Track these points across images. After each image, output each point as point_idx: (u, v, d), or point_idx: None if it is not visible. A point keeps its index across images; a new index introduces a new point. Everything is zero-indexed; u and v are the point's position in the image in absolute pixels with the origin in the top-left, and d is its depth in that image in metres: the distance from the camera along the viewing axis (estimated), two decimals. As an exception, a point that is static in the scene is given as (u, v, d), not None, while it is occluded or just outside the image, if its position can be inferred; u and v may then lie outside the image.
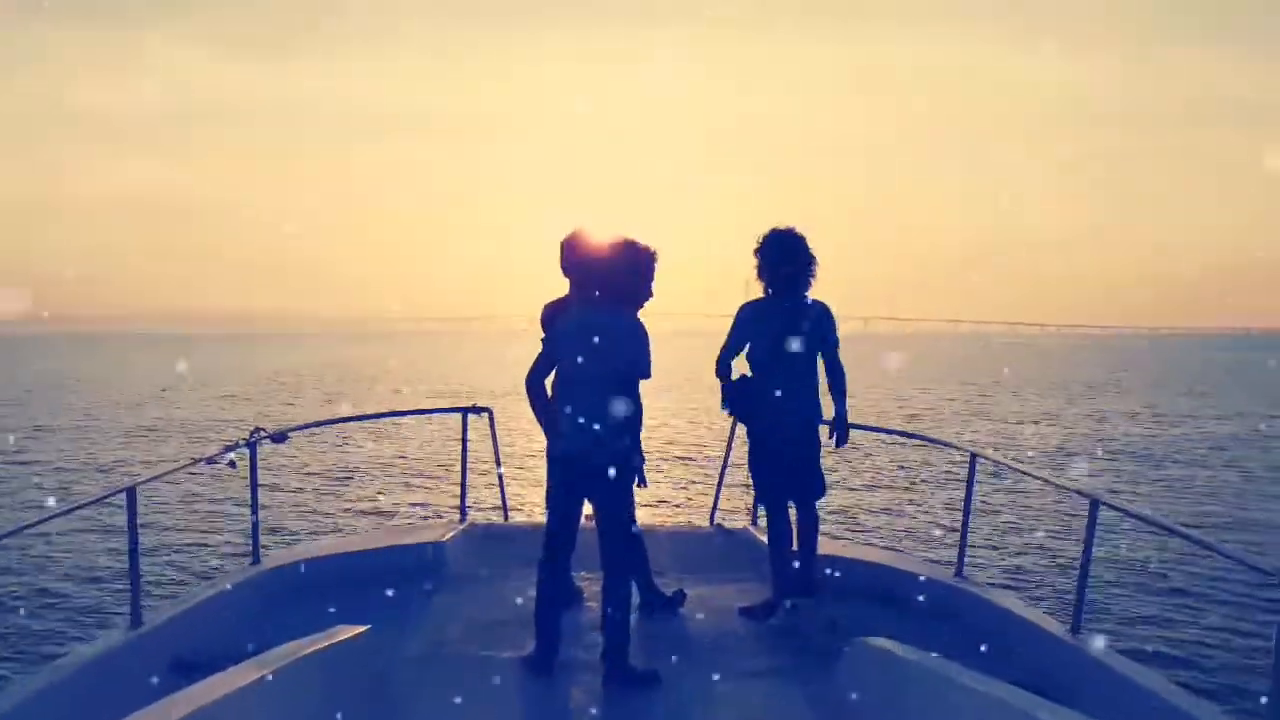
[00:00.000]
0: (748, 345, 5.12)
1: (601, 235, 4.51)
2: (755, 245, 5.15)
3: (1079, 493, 4.77)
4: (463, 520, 6.42)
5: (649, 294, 4.51)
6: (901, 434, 8.21)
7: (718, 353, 5.19)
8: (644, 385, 4.37)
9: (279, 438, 5.65)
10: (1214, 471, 19.51)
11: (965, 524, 5.57)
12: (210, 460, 5.24)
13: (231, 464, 5.14)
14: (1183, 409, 33.53)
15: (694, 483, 17.39)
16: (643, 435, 4.45)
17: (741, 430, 5.48)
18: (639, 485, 4.46)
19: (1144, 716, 3.64)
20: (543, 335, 4.60)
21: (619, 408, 4.26)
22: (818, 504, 5.26)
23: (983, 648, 4.29)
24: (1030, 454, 21.86)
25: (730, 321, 5.22)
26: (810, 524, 5.20)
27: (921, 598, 5.32)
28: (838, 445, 5.21)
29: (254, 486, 5.45)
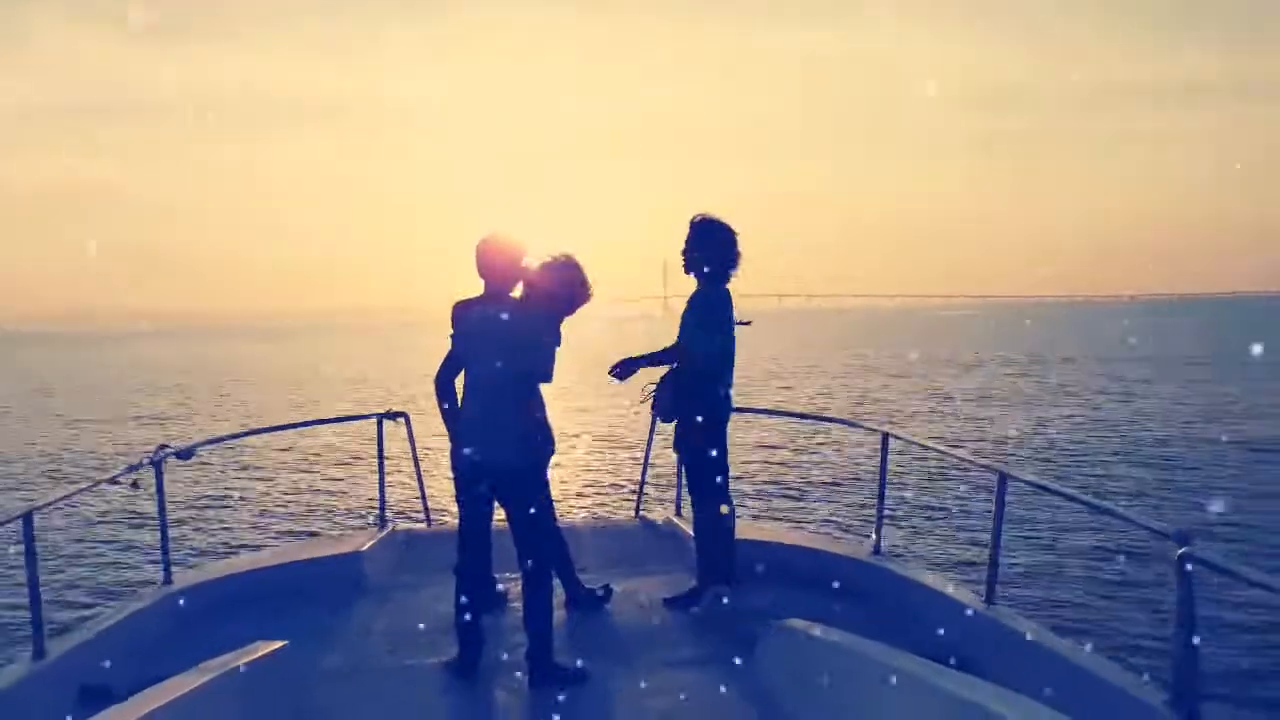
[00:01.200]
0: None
1: (521, 241, 4.48)
2: (689, 232, 5.05)
3: (987, 467, 4.91)
4: (382, 528, 6.31)
5: (569, 313, 4.55)
6: (814, 418, 8.38)
7: (709, 347, 5.01)
8: (569, 379, 4.39)
9: (185, 454, 5.47)
10: (1111, 439, 20.32)
11: (881, 503, 5.69)
12: (113, 481, 5.05)
13: (135, 484, 4.95)
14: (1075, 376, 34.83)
15: (618, 476, 17.42)
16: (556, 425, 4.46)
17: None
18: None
19: (1057, 682, 3.76)
20: (452, 336, 4.56)
21: (524, 408, 4.25)
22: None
23: (901, 623, 4.38)
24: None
25: (669, 307, 5.20)
26: (732, 512, 5.27)
27: (841, 577, 5.42)
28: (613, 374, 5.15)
29: (161, 505, 5.28)
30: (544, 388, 4.40)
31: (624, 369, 5.11)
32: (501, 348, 4.20)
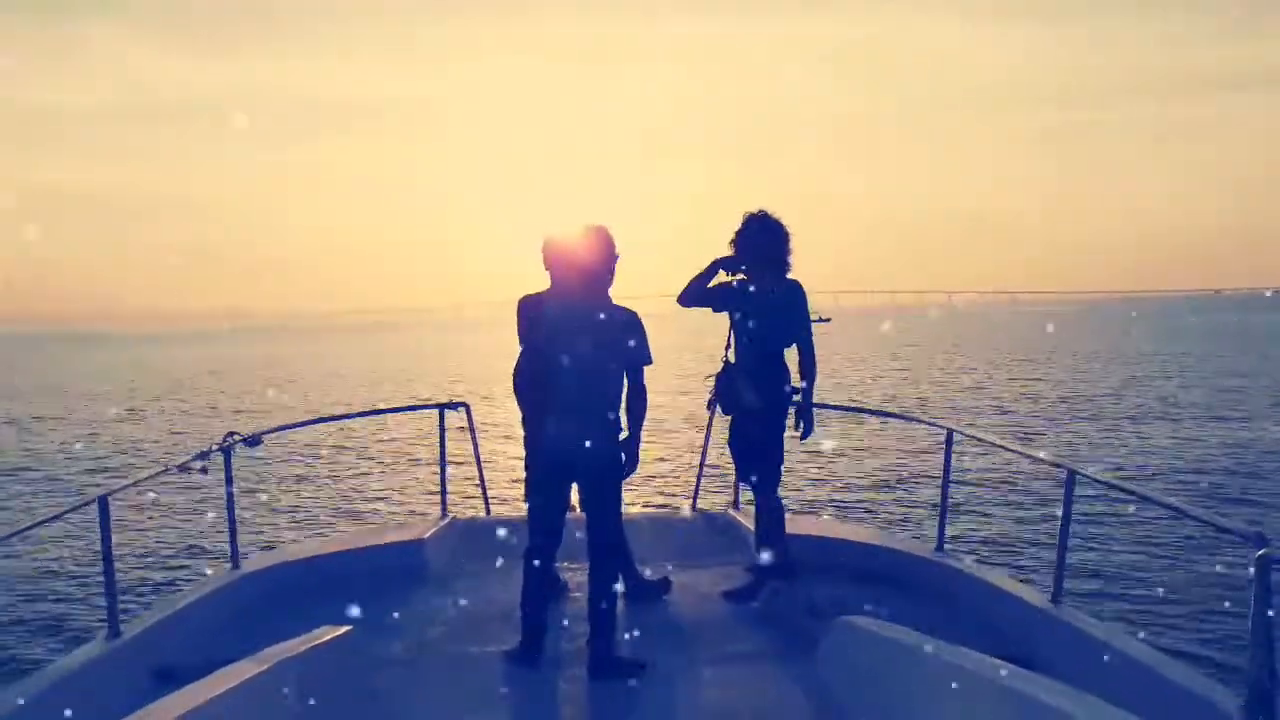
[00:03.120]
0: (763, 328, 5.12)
1: (572, 230, 4.49)
2: (748, 228, 5.13)
3: (1055, 464, 4.81)
4: (444, 517, 6.38)
5: (611, 280, 4.54)
6: (878, 413, 8.31)
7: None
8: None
9: (253, 441, 5.57)
10: (1186, 434, 19.76)
11: (944, 499, 5.61)
12: (183, 467, 5.17)
13: (203, 470, 5.06)
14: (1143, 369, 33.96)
15: (675, 469, 17.41)
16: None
17: (723, 417, 5.49)
18: (627, 473, 4.47)
19: (1126, 683, 3.67)
20: (522, 330, 4.55)
21: (619, 399, 4.30)
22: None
23: (965, 621, 4.31)
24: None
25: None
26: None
27: (904, 574, 5.36)
28: (804, 436, 5.22)
29: (230, 491, 5.39)
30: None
31: (807, 420, 5.15)
32: (598, 338, 4.24)
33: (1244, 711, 3.21)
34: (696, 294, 5.25)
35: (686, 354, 35.13)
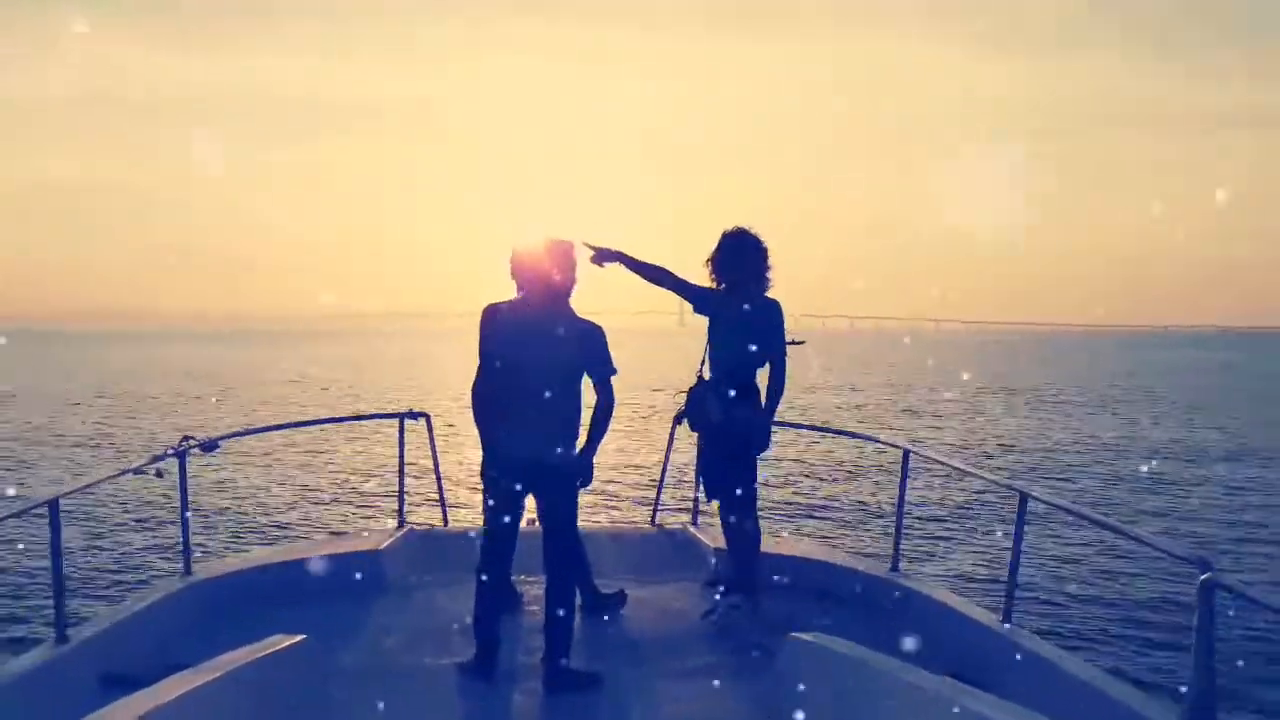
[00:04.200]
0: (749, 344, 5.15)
1: (540, 239, 4.50)
2: (725, 245, 5.16)
3: (1008, 486, 4.89)
4: (401, 527, 6.33)
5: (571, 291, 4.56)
6: (835, 431, 8.42)
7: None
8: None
9: (209, 446, 5.50)
10: (1132, 463, 20.12)
11: (899, 518, 5.68)
12: (137, 470, 5.10)
13: (158, 474, 4.99)
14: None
15: (634, 483, 17.41)
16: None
17: (684, 433, 5.54)
18: (582, 484, 4.47)
19: (1073, 703, 3.74)
20: (483, 340, 4.56)
21: (577, 411, 4.32)
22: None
23: (916, 639, 4.37)
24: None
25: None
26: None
27: (857, 592, 5.41)
28: (757, 451, 5.26)
29: (184, 496, 5.32)
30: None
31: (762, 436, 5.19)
32: (556, 349, 4.25)
33: None
34: (668, 280, 5.25)
35: (652, 375, 35.16)
